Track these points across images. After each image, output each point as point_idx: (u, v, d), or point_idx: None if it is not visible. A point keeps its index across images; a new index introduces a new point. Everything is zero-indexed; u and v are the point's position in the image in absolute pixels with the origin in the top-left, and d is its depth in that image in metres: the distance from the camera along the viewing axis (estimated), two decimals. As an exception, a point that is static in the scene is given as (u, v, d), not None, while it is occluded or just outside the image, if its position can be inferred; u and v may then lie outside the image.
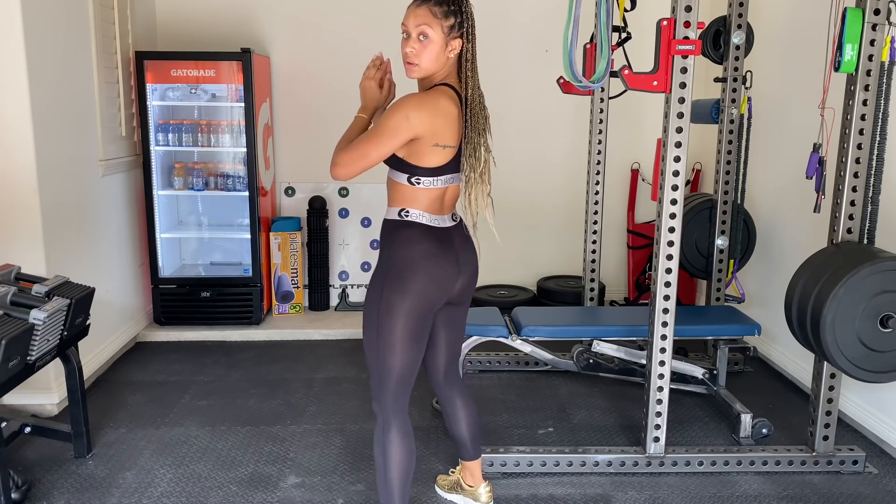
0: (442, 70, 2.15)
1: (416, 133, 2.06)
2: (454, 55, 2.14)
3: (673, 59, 2.59)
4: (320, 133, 4.86)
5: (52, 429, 3.05)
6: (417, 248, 2.17)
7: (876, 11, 2.53)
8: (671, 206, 2.70)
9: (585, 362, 3.70)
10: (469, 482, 2.68)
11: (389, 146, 2.07)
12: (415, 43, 2.10)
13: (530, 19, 4.80)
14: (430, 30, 2.08)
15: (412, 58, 2.11)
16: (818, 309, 2.55)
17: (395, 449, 2.26)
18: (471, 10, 2.14)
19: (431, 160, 2.13)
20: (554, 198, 5.03)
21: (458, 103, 2.15)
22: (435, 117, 2.08)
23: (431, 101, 2.10)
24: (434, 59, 2.11)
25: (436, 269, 2.19)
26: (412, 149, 2.11)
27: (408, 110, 2.05)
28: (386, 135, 2.06)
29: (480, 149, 2.17)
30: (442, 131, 2.10)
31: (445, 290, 2.24)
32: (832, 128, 2.75)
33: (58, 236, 3.40)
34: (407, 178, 2.16)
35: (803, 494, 2.79)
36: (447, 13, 2.09)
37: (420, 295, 2.17)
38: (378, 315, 2.19)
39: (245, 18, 4.76)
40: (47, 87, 3.32)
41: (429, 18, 2.08)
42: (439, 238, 2.21)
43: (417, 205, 2.18)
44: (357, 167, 2.08)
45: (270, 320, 4.69)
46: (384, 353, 2.20)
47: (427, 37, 2.09)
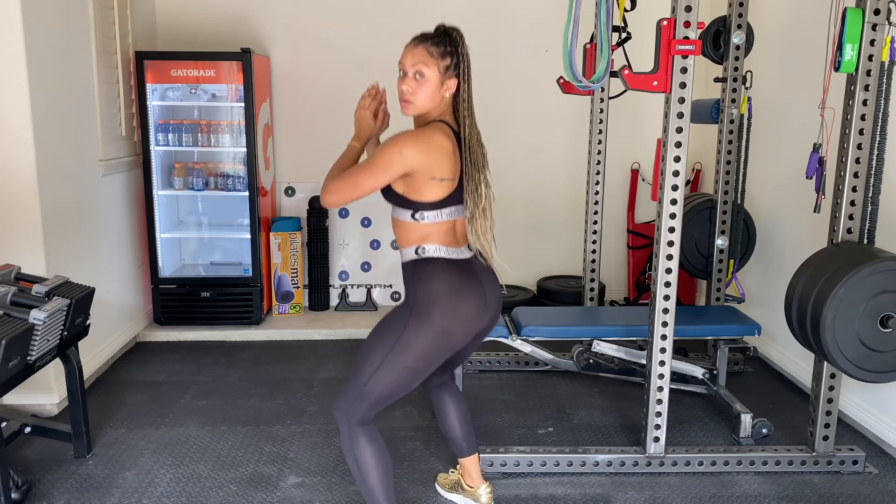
0: (437, 108, 2.18)
1: (409, 167, 2.09)
2: (449, 94, 2.18)
3: (673, 59, 2.59)
4: (320, 133, 4.87)
5: (52, 429, 3.05)
6: (441, 283, 2.16)
7: (876, 11, 2.53)
8: (671, 206, 2.70)
9: (585, 362, 3.70)
10: (468, 482, 2.68)
11: (382, 178, 2.11)
12: (411, 81, 2.14)
13: (530, 19, 4.80)
14: (427, 69, 2.12)
15: (408, 96, 2.15)
16: (818, 309, 2.55)
17: (367, 455, 2.24)
18: (467, 50, 2.18)
19: (431, 194, 2.15)
20: (554, 197, 5.03)
21: (452, 138, 2.17)
22: (429, 151, 2.10)
23: (425, 136, 2.13)
24: (429, 98, 2.15)
25: (461, 304, 2.17)
26: (410, 184, 2.13)
27: (402, 145, 2.08)
28: (379, 166, 2.09)
29: (481, 186, 2.20)
30: (437, 165, 2.12)
31: (471, 327, 2.22)
32: (832, 128, 2.75)
33: (58, 236, 3.40)
34: (410, 214, 2.18)
35: (803, 494, 2.79)
36: (444, 53, 2.14)
37: (441, 335, 2.16)
38: (394, 342, 2.16)
39: (245, 18, 4.76)
40: (47, 87, 3.32)
41: (425, 58, 2.13)
42: (462, 270, 2.21)
43: (431, 240, 2.19)
44: (348, 196, 2.12)
45: (270, 320, 4.69)
46: (375, 378, 2.17)
47: (423, 76, 2.13)
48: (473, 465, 2.67)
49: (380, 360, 2.17)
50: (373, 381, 2.17)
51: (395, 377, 2.17)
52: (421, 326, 2.14)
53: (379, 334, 2.23)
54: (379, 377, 2.17)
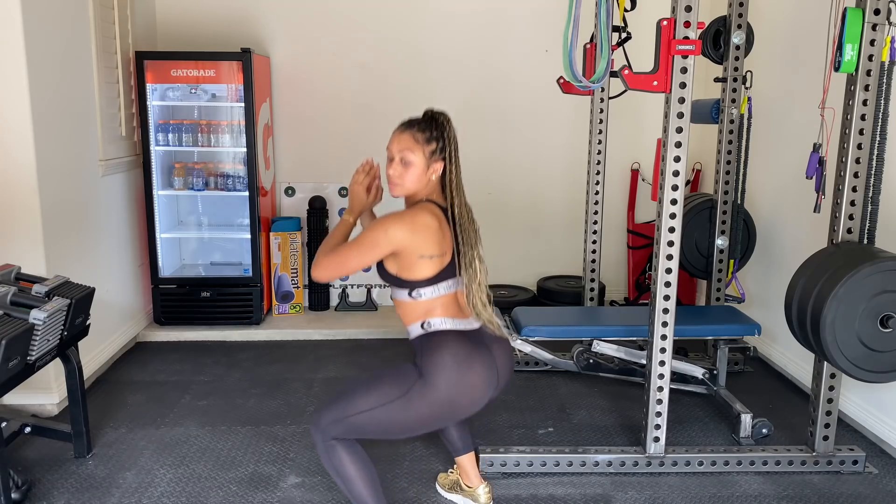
0: (425, 189, 2.26)
1: (395, 247, 2.16)
2: (436, 176, 2.25)
3: (673, 59, 2.59)
4: (320, 133, 4.88)
5: (52, 429, 3.05)
6: (450, 353, 2.18)
7: (876, 11, 2.53)
8: (671, 206, 2.70)
9: (585, 362, 3.70)
10: (467, 483, 2.69)
11: (369, 257, 2.19)
12: (398, 166, 2.22)
13: (530, 19, 4.80)
14: (413, 154, 2.21)
15: (395, 179, 2.24)
16: (818, 309, 2.55)
17: (347, 466, 2.26)
18: (453, 133, 2.26)
19: (423, 272, 2.21)
20: (554, 198, 5.03)
21: (439, 216, 2.23)
22: (414, 232, 2.16)
23: (410, 216, 2.20)
24: (416, 181, 2.23)
25: (471, 374, 2.19)
26: (401, 263, 2.20)
27: (387, 226, 2.16)
28: (366, 246, 2.18)
29: (475, 261, 2.27)
30: (424, 243, 2.18)
31: (479, 399, 2.24)
32: (832, 128, 2.75)
33: (58, 236, 3.40)
34: (407, 293, 2.24)
35: (803, 494, 2.79)
36: (429, 139, 2.22)
37: (445, 405, 2.19)
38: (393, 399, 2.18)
39: (245, 18, 4.76)
40: (47, 87, 3.32)
41: (411, 144, 2.21)
42: (471, 340, 2.24)
43: (435, 313, 2.25)
44: (336, 273, 2.22)
45: (270, 320, 4.69)
46: (368, 417, 2.20)
47: (409, 161, 2.21)
48: (470, 464, 2.67)
49: (376, 404, 2.19)
50: (362, 417, 2.20)
51: (385, 426, 2.21)
52: (426, 393, 2.17)
53: (383, 380, 2.25)
54: (369, 418, 2.20)
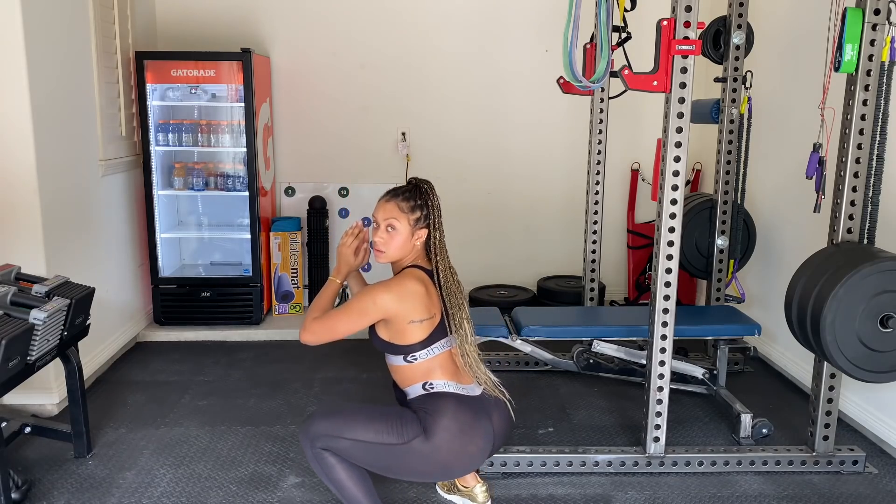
0: (410, 255, 2.35)
1: (383, 314, 2.25)
2: (420, 242, 2.34)
3: (673, 59, 2.59)
4: (320, 133, 4.88)
5: (52, 429, 3.04)
6: (452, 421, 2.25)
7: (876, 11, 2.53)
8: (671, 206, 2.70)
9: (585, 362, 3.70)
10: (463, 483, 2.69)
11: (358, 325, 2.27)
12: (383, 233, 2.32)
13: (530, 19, 4.80)
14: (398, 223, 2.30)
15: (381, 246, 2.33)
16: (818, 309, 2.55)
17: (338, 470, 2.29)
18: (437, 201, 2.35)
19: (414, 336, 2.27)
20: (554, 198, 5.03)
21: (426, 280, 2.31)
22: (402, 299, 2.24)
23: (397, 284, 2.28)
24: (400, 248, 2.32)
25: (469, 445, 2.27)
26: (392, 330, 2.28)
27: (375, 295, 2.25)
28: (355, 314, 2.26)
29: (464, 322, 2.32)
30: (412, 309, 2.25)
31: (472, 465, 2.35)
32: (832, 128, 2.75)
33: (58, 236, 3.40)
34: (402, 358, 2.31)
35: (803, 494, 2.79)
36: (413, 207, 2.30)
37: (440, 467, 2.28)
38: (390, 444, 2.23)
39: (245, 18, 4.76)
40: (47, 87, 3.32)
41: (396, 213, 2.30)
42: (474, 408, 2.30)
43: (435, 375, 2.32)
44: (325, 338, 2.29)
45: (270, 320, 4.69)
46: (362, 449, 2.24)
47: (394, 228, 2.30)
48: None
49: (374, 440, 2.24)
50: (355, 444, 2.24)
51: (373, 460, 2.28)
52: (426, 451, 2.23)
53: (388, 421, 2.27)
54: (363, 448, 2.24)
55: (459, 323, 2.30)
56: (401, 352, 2.30)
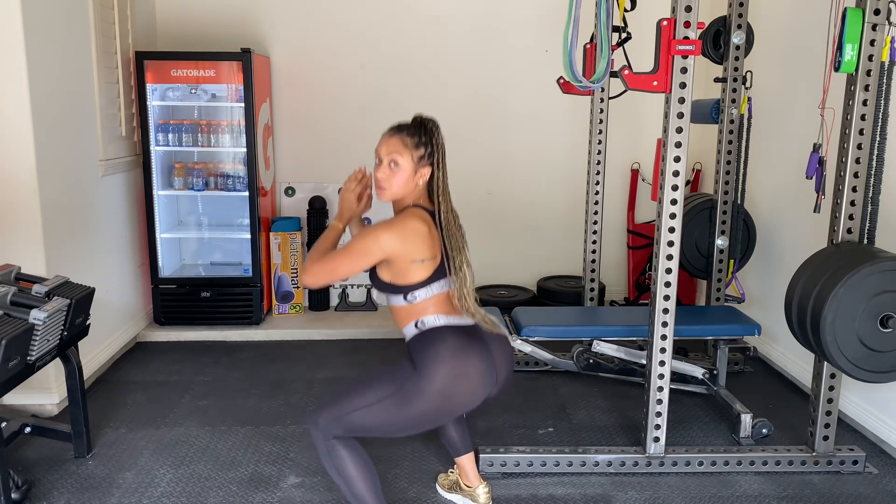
0: (412, 194, 2.28)
1: (386, 254, 2.18)
2: (423, 182, 2.27)
3: (673, 59, 2.59)
4: (320, 133, 4.88)
5: (52, 429, 3.04)
6: (444, 345, 2.20)
7: (876, 11, 2.53)
8: (671, 206, 2.70)
9: (585, 362, 3.70)
10: (466, 482, 2.69)
11: (360, 265, 2.22)
12: (385, 169, 2.24)
13: (530, 19, 4.80)
14: (401, 158, 2.22)
15: (383, 183, 2.25)
16: (818, 309, 2.55)
17: (348, 465, 2.27)
18: (441, 140, 2.28)
19: (416, 275, 2.22)
20: (554, 198, 5.03)
21: (428, 220, 2.25)
22: (405, 237, 2.18)
23: (400, 223, 2.21)
24: (403, 185, 2.25)
25: (466, 365, 2.19)
26: (394, 270, 2.22)
27: (378, 233, 2.18)
28: (357, 253, 2.20)
29: (464, 267, 2.27)
30: (415, 248, 2.19)
31: (477, 390, 2.23)
32: (832, 128, 2.75)
33: (58, 236, 3.40)
34: (402, 297, 2.26)
35: (803, 494, 2.79)
36: (418, 144, 2.24)
37: (442, 396, 2.18)
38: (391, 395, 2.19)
39: (245, 18, 4.76)
40: (47, 87, 3.32)
41: (400, 148, 2.23)
42: (467, 333, 2.25)
43: (428, 312, 2.25)
44: (327, 279, 2.23)
45: (270, 320, 4.69)
46: (367, 413, 2.21)
47: (398, 164, 2.23)
48: (469, 464, 2.67)
49: (373, 401, 2.21)
50: (359, 414, 2.21)
51: (383, 423, 2.22)
52: (422, 386, 2.17)
53: (380, 377, 2.26)
54: (367, 414, 2.21)
55: (459, 266, 2.24)
56: (401, 291, 2.25)
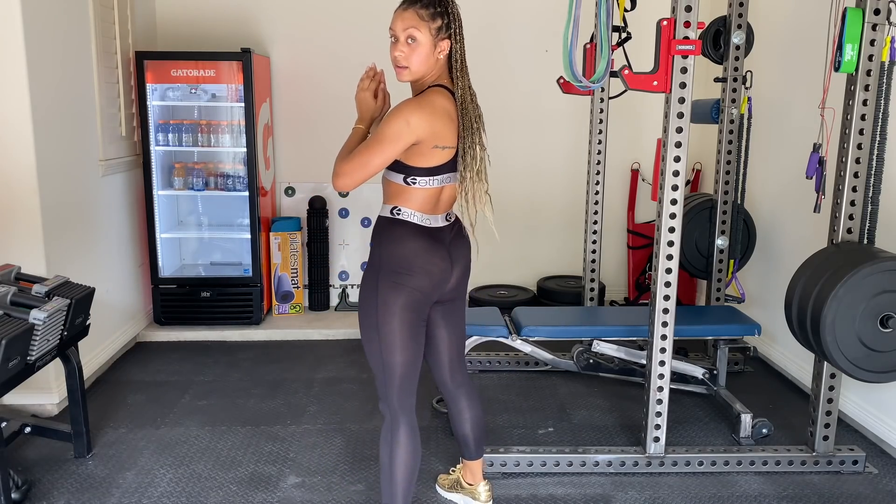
0: (432, 72, 2.16)
1: (417, 137, 2.07)
2: (443, 56, 2.15)
3: (673, 59, 2.59)
4: (320, 133, 4.87)
5: (52, 429, 3.04)
6: (408, 245, 2.18)
7: (876, 11, 2.53)
8: (671, 206, 2.70)
9: (585, 362, 3.70)
10: (469, 480, 2.69)
11: (391, 152, 2.07)
12: (403, 46, 2.11)
13: (530, 19, 4.80)
14: (419, 32, 2.09)
15: (402, 61, 2.12)
16: (818, 309, 2.55)
17: (402, 450, 2.27)
18: (457, 10, 2.15)
19: (430, 161, 2.14)
20: (554, 198, 5.03)
21: (453, 101, 2.16)
22: (434, 119, 2.09)
23: (429, 103, 2.10)
24: (423, 62, 2.12)
25: (427, 263, 2.20)
26: (412, 151, 2.11)
27: (408, 115, 2.05)
28: (387, 141, 2.05)
29: (476, 147, 2.18)
30: (442, 132, 2.11)
31: (439, 283, 2.25)
32: (832, 128, 2.75)
33: (58, 236, 3.40)
34: (403, 177, 2.16)
35: (803, 494, 2.79)
36: (434, 15, 2.09)
37: (413, 290, 2.19)
38: (376, 314, 2.19)
39: (245, 18, 4.76)
40: (47, 87, 3.32)
41: (416, 21, 2.09)
42: (430, 235, 2.22)
43: (411, 204, 2.19)
44: (360, 176, 2.05)
45: (270, 320, 4.69)
46: (385, 351, 2.21)
47: (415, 39, 2.09)
48: (477, 465, 2.68)
49: (376, 336, 2.20)
50: (384, 356, 2.20)
51: (397, 343, 2.19)
52: (389, 284, 2.17)
53: (363, 317, 2.25)
54: (384, 351, 2.20)
55: (470, 146, 2.15)
56: (406, 171, 2.14)
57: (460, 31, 2.16)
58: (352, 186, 2.08)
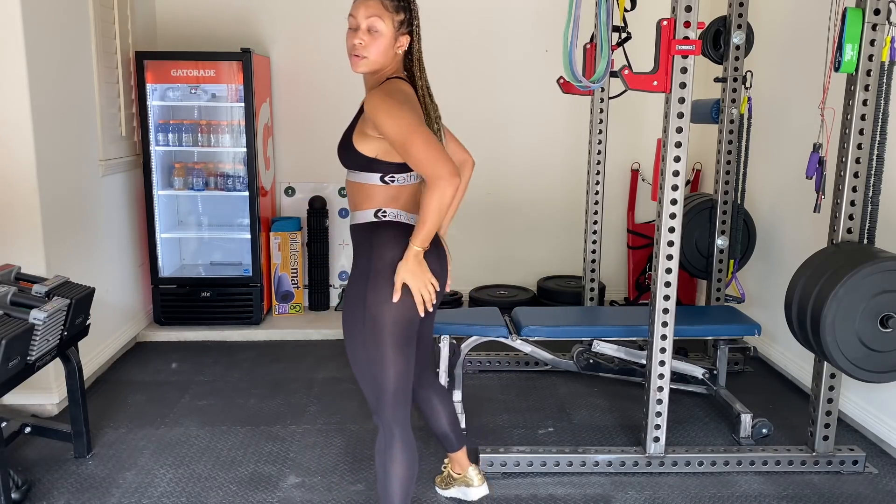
0: (390, 65, 2.09)
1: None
2: (401, 52, 2.09)
3: (673, 59, 2.59)
4: (320, 133, 4.87)
5: (52, 429, 3.04)
6: (401, 249, 2.06)
7: (876, 11, 2.53)
8: (671, 206, 2.70)
9: (585, 362, 3.70)
10: (457, 471, 2.69)
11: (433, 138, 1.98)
12: (364, 35, 2.03)
13: (530, 19, 4.80)
14: (381, 23, 2.02)
15: (361, 50, 2.03)
16: (818, 309, 2.55)
17: (396, 465, 2.19)
18: (417, 8, 2.12)
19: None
20: (554, 198, 5.03)
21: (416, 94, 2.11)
22: (414, 108, 2.02)
23: (400, 91, 2.03)
24: (383, 54, 2.05)
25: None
26: (385, 146, 2.03)
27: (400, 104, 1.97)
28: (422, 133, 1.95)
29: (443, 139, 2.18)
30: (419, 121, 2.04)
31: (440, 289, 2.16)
32: (832, 128, 2.75)
33: (58, 236, 3.40)
34: (380, 177, 2.08)
35: (803, 494, 2.79)
36: (398, 8, 2.05)
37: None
38: (363, 326, 2.09)
39: (245, 18, 4.76)
40: (47, 87, 3.32)
41: (380, 10, 2.02)
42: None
43: (395, 204, 2.10)
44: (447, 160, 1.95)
45: (270, 320, 4.69)
46: (375, 366, 2.11)
47: (377, 30, 2.02)
48: (462, 455, 2.67)
49: (363, 349, 2.11)
50: (372, 371, 2.12)
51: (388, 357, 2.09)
52: (379, 293, 2.06)
53: (348, 327, 2.15)
54: (374, 365, 2.11)
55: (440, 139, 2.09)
56: (383, 170, 2.06)
57: (419, 29, 2.12)
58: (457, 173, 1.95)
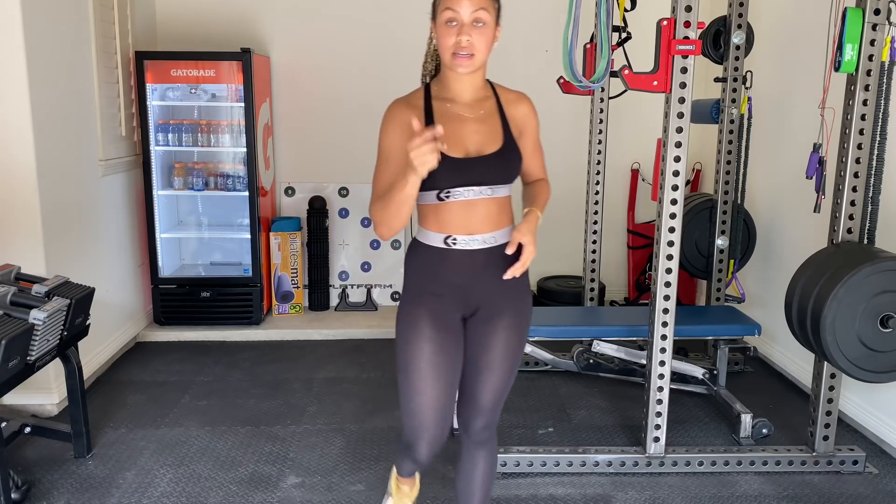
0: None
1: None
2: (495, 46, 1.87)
3: (673, 59, 2.59)
4: (320, 133, 4.87)
5: (52, 429, 3.04)
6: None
7: (876, 11, 2.53)
8: (671, 206, 2.70)
9: (585, 362, 3.70)
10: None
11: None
12: (471, 30, 1.75)
13: (530, 19, 4.80)
14: (487, 14, 1.76)
15: (469, 48, 1.77)
16: (818, 309, 2.55)
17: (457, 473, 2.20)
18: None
19: None
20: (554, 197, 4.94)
21: None
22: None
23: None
24: (489, 49, 1.82)
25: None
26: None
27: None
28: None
29: None
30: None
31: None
32: (832, 128, 2.75)
33: (58, 236, 3.40)
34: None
35: (803, 494, 2.79)
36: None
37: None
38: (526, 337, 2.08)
39: (245, 18, 4.76)
40: (47, 87, 3.32)
41: (487, 2, 1.76)
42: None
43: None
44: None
45: (270, 320, 4.69)
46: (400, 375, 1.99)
47: (484, 23, 1.76)
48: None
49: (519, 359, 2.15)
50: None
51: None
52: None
53: (522, 340, 2.19)
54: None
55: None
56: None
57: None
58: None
